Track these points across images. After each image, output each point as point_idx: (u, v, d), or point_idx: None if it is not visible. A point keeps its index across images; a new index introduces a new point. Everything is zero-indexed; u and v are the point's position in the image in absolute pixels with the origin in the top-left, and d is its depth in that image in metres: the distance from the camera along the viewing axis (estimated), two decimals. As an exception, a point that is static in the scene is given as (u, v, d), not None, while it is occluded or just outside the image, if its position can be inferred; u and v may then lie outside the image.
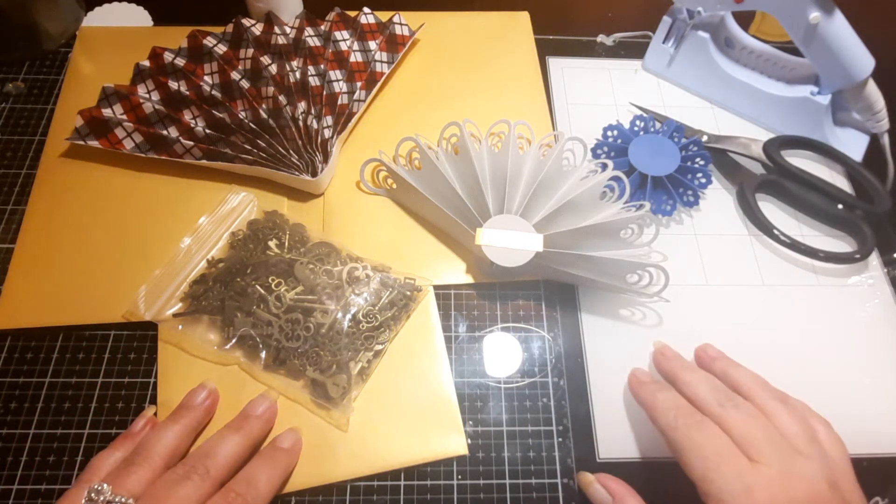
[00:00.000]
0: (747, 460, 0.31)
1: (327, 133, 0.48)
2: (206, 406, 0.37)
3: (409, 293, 0.42)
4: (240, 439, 0.35)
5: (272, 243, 0.43)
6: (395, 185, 0.48)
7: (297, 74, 0.49)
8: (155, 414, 0.38)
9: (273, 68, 0.49)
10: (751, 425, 0.33)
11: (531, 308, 0.44)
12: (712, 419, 0.33)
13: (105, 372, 0.40)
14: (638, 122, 0.49)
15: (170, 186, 0.47)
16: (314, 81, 0.49)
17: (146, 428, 0.37)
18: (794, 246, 0.46)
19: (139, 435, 0.36)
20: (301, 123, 0.46)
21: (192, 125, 0.47)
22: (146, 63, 0.50)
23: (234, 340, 0.40)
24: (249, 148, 0.46)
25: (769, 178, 0.49)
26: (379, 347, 0.41)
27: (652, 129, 0.48)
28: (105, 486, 0.31)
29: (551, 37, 0.58)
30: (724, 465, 0.31)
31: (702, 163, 0.47)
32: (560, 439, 0.40)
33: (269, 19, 0.52)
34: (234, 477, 0.33)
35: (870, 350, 0.43)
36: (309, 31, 0.52)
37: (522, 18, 0.59)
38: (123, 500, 0.30)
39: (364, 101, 0.50)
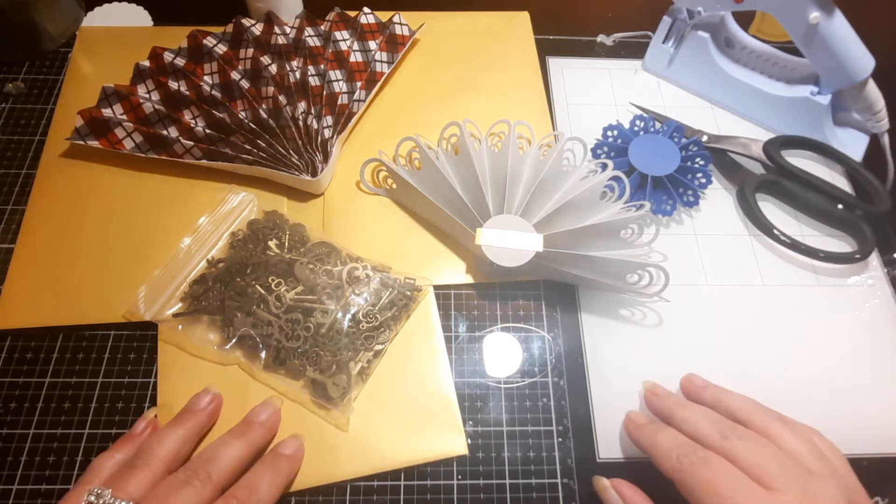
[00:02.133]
0: (763, 490, 0.30)
1: (327, 133, 0.48)
2: (209, 410, 0.37)
3: (409, 293, 0.42)
4: (242, 445, 0.35)
5: (272, 243, 0.43)
6: (395, 185, 0.48)
7: (297, 74, 0.49)
8: (156, 416, 0.38)
9: (273, 68, 0.49)
10: (759, 453, 0.31)
11: (531, 308, 0.44)
12: (718, 453, 0.32)
13: (105, 372, 0.40)
14: (638, 122, 0.49)
15: (170, 186, 0.47)
16: (314, 81, 0.49)
17: (147, 430, 0.37)
18: (794, 246, 0.46)
19: (140, 437, 0.36)
20: (301, 123, 0.46)
21: (192, 125, 0.47)
22: (146, 63, 0.50)
23: (234, 340, 0.40)
24: (249, 148, 0.46)
25: (769, 178, 0.49)
26: (379, 347, 0.41)
27: (652, 129, 0.48)
28: (105, 489, 0.31)
29: (551, 37, 0.58)
30: (740, 499, 0.29)
31: (702, 163, 0.47)
32: (560, 439, 0.40)
33: (269, 19, 0.52)
34: (236, 483, 0.33)
35: (870, 350, 0.43)
36: (309, 31, 0.52)
37: (522, 18, 0.59)
38: (123, 503, 0.30)
39: (364, 101, 0.50)
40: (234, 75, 0.48)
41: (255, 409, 0.37)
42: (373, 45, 0.53)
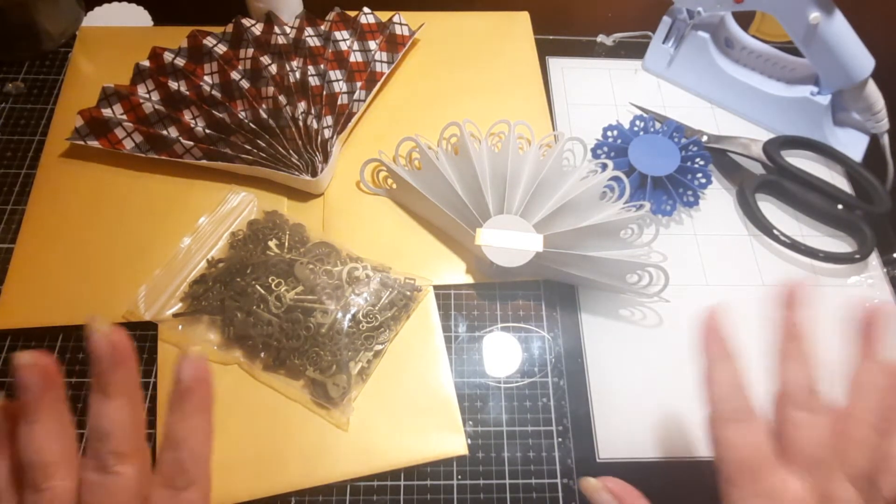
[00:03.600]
0: None
1: (327, 133, 0.48)
2: (46, 387, 0.28)
3: (409, 293, 0.42)
4: (117, 400, 0.27)
5: (272, 243, 0.43)
6: (395, 185, 0.48)
7: (297, 74, 0.49)
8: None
9: (273, 68, 0.49)
10: None
11: (531, 308, 0.44)
12: None
13: (105, 372, 0.40)
14: (638, 122, 0.49)
15: (170, 186, 0.47)
16: (314, 81, 0.49)
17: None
18: (794, 246, 0.46)
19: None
20: (301, 123, 0.46)
21: (192, 125, 0.47)
22: (146, 63, 0.50)
23: (234, 340, 0.40)
24: (249, 148, 0.46)
25: (769, 178, 0.49)
26: (379, 347, 0.41)
27: (652, 129, 0.48)
28: None
29: (551, 37, 0.58)
30: None
31: (702, 163, 0.47)
32: (560, 439, 0.40)
33: (269, 19, 0.52)
34: (160, 447, 0.28)
35: (870, 350, 0.43)
36: (309, 31, 0.52)
37: (522, 18, 0.59)
38: None
39: (364, 101, 0.50)
40: (234, 75, 0.48)
41: (183, 374, 0.28)
42: (373, 45, 0.53)
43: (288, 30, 0.52)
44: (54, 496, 0.27)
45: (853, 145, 0.51)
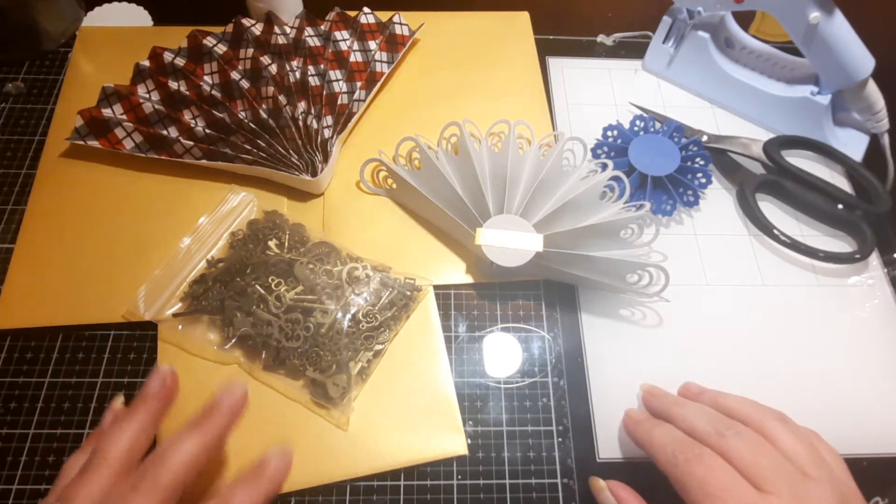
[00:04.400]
0: (756, 491, 0.30)
1: (327, 133, 0.48)
2: (163, 394, 0.33)
3: (409, 293, 0.42)
4: (196, 439, 0.31)
5: (272, 243, 0.43)
6: (395, 185, 0.48)
7: (297, 74, 0.49)
8: (123, 403, 0.35)
9: (273, 68, 0.49)
10: (755, 452, 0.31)
11: (531, 308, 0.44)
12: (714, 450, 0.32)
13: (105, 372, 0.40)
14: (638, 122, 0.49)
15: (170, 186, 0.47)
16: (314, 81, 0.49)
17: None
18: (794, 246, 0.46)
19: None
20: (301, 123, 0.46)
21: (192, 125, 0.47)
22: (146, 63, 0.50)
23: (234, 340, 0.40)
24: (249, 148, 0.46)
25: (769, 178, 0.49)
26: (379, 347, 0.41)
27: (652, 129, 0.48)
28: (57, 502, 0.28)
29: (551, 37, 0.58)
30: (731, 500, 0.29)
31: (702, 163, 0.47)
32: (560, 439, 0.40)
33: (269, 19, 0.52)
34: (213, 502, 0.30)
35: (870, 350, 0.43)
36: (309, 30, 0.52)
37: (522, 18, 0.59)
38: None
39: (364, 101, 0.50)
40: (234, 75, 0.48)
41: (218, 396, 0.33)
42: (373, 44, 0.53)
43: (288, 30, 0.52)
44: (91, 481, 0.29)
45: (853, 145, 0.51)
